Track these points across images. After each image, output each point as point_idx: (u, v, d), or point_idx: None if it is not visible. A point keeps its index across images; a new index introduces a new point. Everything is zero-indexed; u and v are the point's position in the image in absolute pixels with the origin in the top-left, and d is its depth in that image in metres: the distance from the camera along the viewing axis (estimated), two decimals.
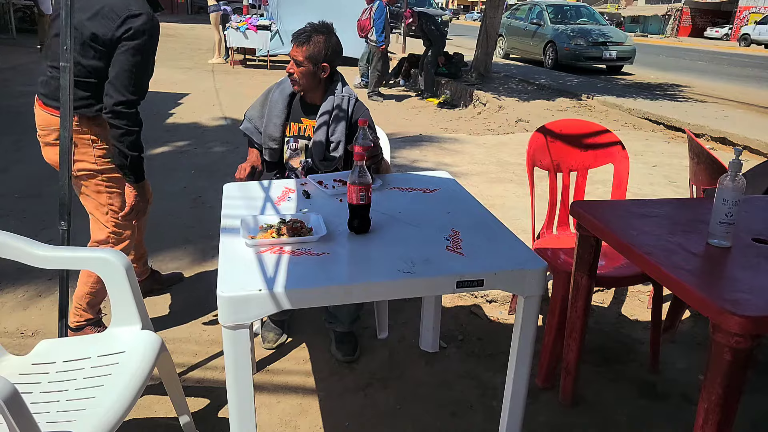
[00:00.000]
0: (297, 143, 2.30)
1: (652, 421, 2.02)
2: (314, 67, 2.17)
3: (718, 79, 12.29)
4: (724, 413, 1.31)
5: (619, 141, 2.53)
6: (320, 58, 2.16)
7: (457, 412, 2.03)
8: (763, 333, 1.24)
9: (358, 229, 1.63)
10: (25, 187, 4.06)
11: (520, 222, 3.41)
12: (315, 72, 2.18)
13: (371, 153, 1.99)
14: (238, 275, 1.40)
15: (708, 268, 1.50)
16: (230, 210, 1.82)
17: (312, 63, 2.16)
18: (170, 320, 2.54)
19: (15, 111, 6.48)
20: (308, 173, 2.27)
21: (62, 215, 1.97)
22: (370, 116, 2.30)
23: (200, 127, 6.12)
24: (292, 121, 2.30)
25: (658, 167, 4.99)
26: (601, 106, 8.02)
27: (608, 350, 2.42)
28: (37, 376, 1.56)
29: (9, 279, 2.79)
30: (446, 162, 4.98)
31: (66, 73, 1.88)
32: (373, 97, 8.69)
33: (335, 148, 2.25)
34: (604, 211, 1.82)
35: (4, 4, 14.21)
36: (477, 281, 1.44)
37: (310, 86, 2.22)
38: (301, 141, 2.29)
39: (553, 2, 14.46)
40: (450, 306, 2.72)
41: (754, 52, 22.77)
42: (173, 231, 2.80)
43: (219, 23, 11.04)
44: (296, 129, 2.30)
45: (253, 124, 2.37)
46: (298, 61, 2.15)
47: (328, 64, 2.20)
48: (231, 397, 1.43)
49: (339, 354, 2.28)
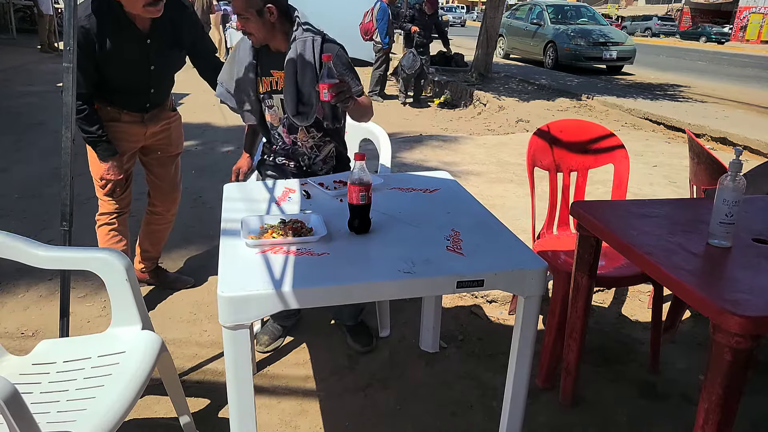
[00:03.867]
0: (272, 99, 2.17)
1: (652, 421, 2.02)
2: (258, 14, 1.99)
3: (718, 79, 12.29)
4: (725, 413, 1.31)
5: (620, 141, 2.53)
6: (259, 3, 1.98)
7: (457, 412, 2.04)
8: (763, 333, 1.24)
9: (358, 229, 1.63)
10: (26, 187, 4.06)
11: (520, 222, 3.41)
12: (262, 19, 2.00)
13: (336, 90, 1.78)
14: (239, 275, 1.40)
15: (708, 268, 1.50)
16: (230, 210, 1.82)
17: (254, 11, 1.98)
18: (171, 320, 2.54)
19: (15, 111, 6.48)
20: (290, 131, 2.18)
21: (64, 216, 1.98)
22: (345, 53, 2.10)
23: (200, 127, 6.11)
24: (262, 76, 2.15)
25: (659, 167, 4.99)
26: (602, 106, 8.01)
27: (608, 350, 2.42)
28: (37, 376, 1.56)
29: (9, 279, 2.79)
30: (446, 162, 4.98)
31: (68, 73, 1.88)
32: (373, 97, 8.69)
33: (308, 98, 2.07)
34: (604, 212, 1.82)
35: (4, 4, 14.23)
36: (477, 281, 1.44)
37: (265, 36, 2.05)
38: (276, 96, 2.15)
39: (553, 2, 14.46)
40: (450, 306, 2.72)
41: (754, 52, 22.75)
42: (173, 231, 2.81)
43: (219, 23, 11.05)
44: (268, 84, 2.15)
45: (225, 88, 2.24)
46: (240, 15, 2.00)
47: (273, 5, 2.00)
48: (231, 398, 1.43)
49: (357, 346, 2.32)
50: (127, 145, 2.40)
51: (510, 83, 9.77)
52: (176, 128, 2.61)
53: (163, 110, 2.50)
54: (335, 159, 2.34)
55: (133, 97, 2.35)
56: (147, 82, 2.34)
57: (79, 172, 2.21)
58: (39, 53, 11.54)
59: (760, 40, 28.38)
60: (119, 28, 2.17)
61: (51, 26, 12.05)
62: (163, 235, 2.76)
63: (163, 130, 2.52)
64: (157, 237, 2.73)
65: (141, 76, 2.31)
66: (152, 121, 2.44)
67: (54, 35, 12.08)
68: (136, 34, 2.21)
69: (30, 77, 8.75)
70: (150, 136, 2.47)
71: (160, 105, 2.47)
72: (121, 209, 2.48)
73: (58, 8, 12.37)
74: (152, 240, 2.72)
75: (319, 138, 2.24)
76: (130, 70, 2.27)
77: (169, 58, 2.38)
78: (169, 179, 2.64)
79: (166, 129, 2.53)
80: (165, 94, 2.49)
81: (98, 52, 2.15)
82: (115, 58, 2.20)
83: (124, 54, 2.21)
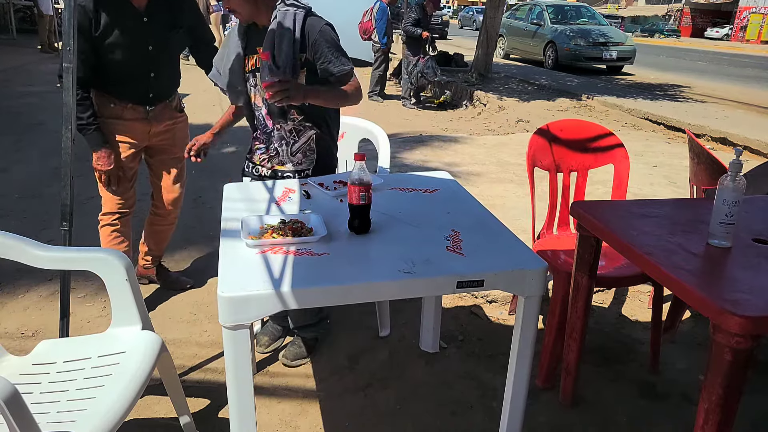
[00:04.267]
0: (256, 77, 2.07)
1: (653, 421, 2.02)
2: None
3: (719, 79, 12.29)
4: (725, 413, 1.31)
5: (619, 140, 2.53)
6: None
7: (457, 412, 2.03)
8: (763, 333, 1.24)
9: (358, 229, 1.63)
10: (26, 188, 4.06)
11: (520, 222, 3.41)
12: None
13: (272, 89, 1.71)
14: (239, 275, 1.40)
15: (708, 268, 1.50)
16: (230, 210, 1.82)
17: None
18: (171, 320, 2.54)
19: (15, 111, 6.48)
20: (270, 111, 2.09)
21: (64, 216, 1.98)
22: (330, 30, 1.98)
23: (200, 127, 6.07)
24: (248, 54, 2.07)
25: (659, 167, 4.99)
26: (602, 107, 8.02)
27: (608, 350, 2.42)
28: (37, 376, 1.56)
29: (9, 279, 2.79)
30: (446, 162, 4.98)
31: (68, 73, 1.88)
32: (373, 97, 8.69)
33: (282, 73, 1.94)
34: (604, 212, 1.82)
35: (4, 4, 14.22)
36: (477, 281, 1.44)
37: (250, 12, 1.96)
38: (259, 75, 2.04)
39: (553, 2, 14.47)
40: (450, 306, 2.72)
41: (754, 52, 22.75)
42: (174, 231, 2.82)
43: (219, 23, 11.04)
44: (253, 62, 2.06)
45: (217, 69, 2.17)
46: None
47: None
48: (231, 398, 1.43)
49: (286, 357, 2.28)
50: (131, 145, 2.40)
51: (510, 83, 9.77)
52: (181, 129, 2.60)
53: (168, 108, 2.50)
54: (316, 153, 2.14)
55: (134, 83, 2.33)
56: (146, 66, 2.33)
57: (79, 172, 2.22)
58: (39, 53, 11.53)
59: (760, 40, 28.38)
60: (115, 6, 2.18)
61: (51, 26, 12.05)
62: (166, 236, 2.76)
63: (168, 130, 2.52)
64: (160, 237, 2.73)
65: (140, 59, 2.30)
66: (156, 119, 2.44)
67: (54, 35, 12.07)
68: (132, 12, 2.22)
69: (30, 77, 8.75)
70: (154, 135, 2.47)
71: (164, 98, 2.45)
72: (124, 210, 2.47)
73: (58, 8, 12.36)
74: (155, 240, 2.72)
75: (299, 122, 2.09)
76: (128, 50, 2.25)
77: (168, 39, 2.37)
78: (173, 182, 2.63)
79: (171, 129, 2.53)
80: (167, 82, 2.47)
81: (95, 31, 2.16)
82: (113, 38, 2.20)
83: (121, 33, 2.21)
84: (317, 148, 2.14)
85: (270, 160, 2.16)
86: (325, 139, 2.15)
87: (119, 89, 2.32)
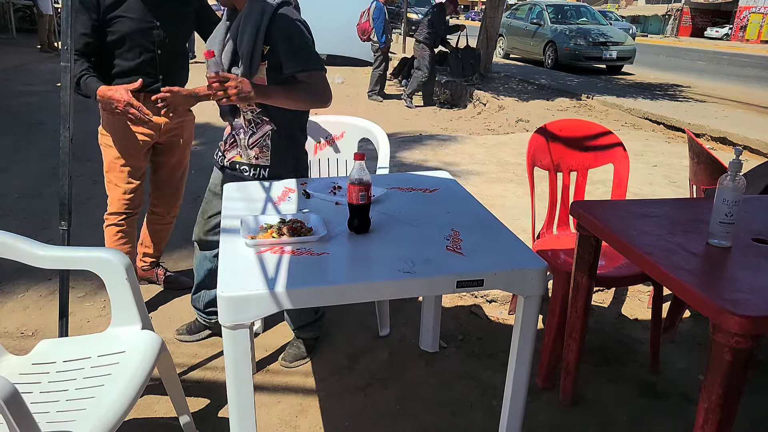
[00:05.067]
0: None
1: (652, 420, 2.02)
2: None
3: (718, 79, 12.29)
4: (724, 413, 1.31)
5: (618, 139, 2.53)
6: None
7: (457, 411, 2.04)
8: (763, 333, 1.24)
9: (358, 229, 1.63)
10: (25, 187, 4.06)
11: (520, 222, 3.41)
12: None
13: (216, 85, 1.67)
14: (238, 275, 1.40)
15: (708, 268, 1.50)
16: (230, 210, 1.81)
17: None
18: (171, 320, 2.54)
19: (15, 111, 6.48)
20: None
21: (63, 215, 1.98)
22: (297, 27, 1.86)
23: (201, 126, 6.08)
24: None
25: (658, 167, 4.99)
26: (601, 106, 8.02)
27: (608, 350, 2.42)
28: (37, 376, 1.56)
29: (9, 279, 2.79)
30: (446, 162, 4.98)
31: (67, 73, 1.88)
32: (372, 96, 8.69)
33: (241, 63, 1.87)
34: (604, 211, 1.82)
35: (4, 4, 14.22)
36: (477, 281, 1.44)
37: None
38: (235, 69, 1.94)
39: (553, 2, 14.46)
40: (450, 306, 2.72)
41: (753, 51, 22.76)
42: (173, 231, 2.82)
43: None
44: None
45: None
46: None
47: None
48: (231, 397, 1.43)
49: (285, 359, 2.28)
50: (145, 139, 2.40)
51: (510, 83, 9.78)
52: (188, 128, 2.61)
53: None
54: (271, 151, 2.04)
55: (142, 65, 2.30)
56: (153, 42, 2.29)
57: (78, 172, 2.22)
58: (39, 53, 11.54)
59: (759, 40, 28.40)
60: None
61: (51, 26, 12.05)
62: (164, 236, 2.76)
63: (178, 127, 2.52)
64: (158, 237, 2.73)
65: (146, 35, 2.27)
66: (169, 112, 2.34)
67: (54, 35, 12.07)
68: None
69: (30, 77, 8.75)
70: (165, 131, 2.46)
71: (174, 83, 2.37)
72: (130, 210, 2.46)
73: (58, 8, 12.36)
74: (153, 239, 2.72)
75: (257, 114, 2.00)
76: (134, 27, 2.23)
77: (175, 16, 2.34)
78: (173, 182, 2.63)
79: (180, 126, 2.53)
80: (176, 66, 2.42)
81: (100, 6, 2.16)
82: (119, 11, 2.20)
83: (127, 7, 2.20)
84: (272, 145, 2.03)
85: (231, 149, 2.14)
86: (283, 137, 2.03)
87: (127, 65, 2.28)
